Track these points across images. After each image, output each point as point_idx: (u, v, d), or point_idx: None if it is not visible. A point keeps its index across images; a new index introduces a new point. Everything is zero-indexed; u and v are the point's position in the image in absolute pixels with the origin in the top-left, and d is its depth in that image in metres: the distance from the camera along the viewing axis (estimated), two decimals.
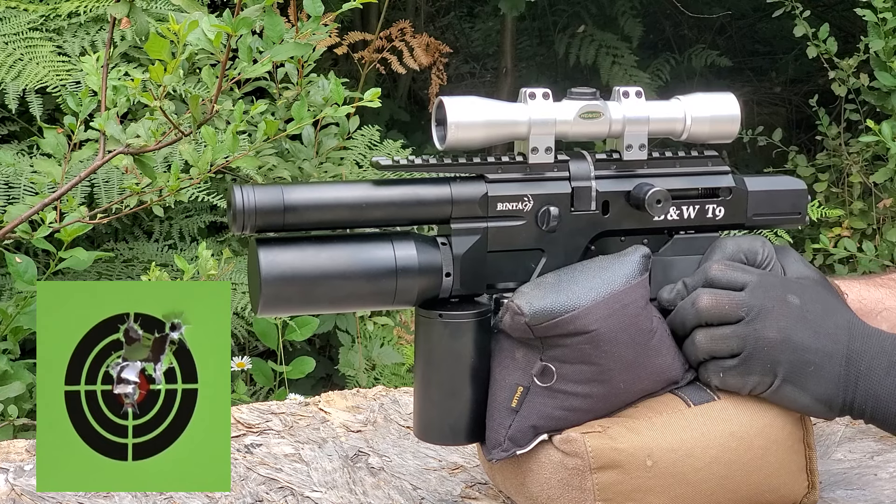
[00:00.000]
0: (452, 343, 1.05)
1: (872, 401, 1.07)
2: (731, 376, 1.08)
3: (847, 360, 1.08)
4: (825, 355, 1.07)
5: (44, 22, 2.95)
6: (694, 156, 1.13)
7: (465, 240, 1.06)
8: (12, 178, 2.66)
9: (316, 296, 1.02)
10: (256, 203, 1.00)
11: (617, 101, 1.10)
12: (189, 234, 3.02)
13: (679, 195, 1.12)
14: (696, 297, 1.08)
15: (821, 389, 1.08)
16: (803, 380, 1.07)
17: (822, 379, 1.07)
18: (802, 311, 1.08)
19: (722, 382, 1.09)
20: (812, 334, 1.08)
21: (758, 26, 5.58)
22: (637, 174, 1.11)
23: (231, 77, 2.00)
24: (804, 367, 1.07)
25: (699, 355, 1.09)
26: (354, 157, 2.92)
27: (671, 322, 1.10)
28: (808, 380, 1.07)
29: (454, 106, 1.04)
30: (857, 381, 1.07)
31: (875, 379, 1.07)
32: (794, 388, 1.08)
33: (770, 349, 1.07)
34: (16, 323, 2.16)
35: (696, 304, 1.08)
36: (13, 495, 1.13)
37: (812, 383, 1.07)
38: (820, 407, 1.08)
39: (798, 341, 1.07)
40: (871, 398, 1.07)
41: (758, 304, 1.07)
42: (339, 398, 1.37)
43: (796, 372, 1.07)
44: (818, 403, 1.08)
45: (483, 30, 5.64)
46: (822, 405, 1.08)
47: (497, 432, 1.07)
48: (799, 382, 1.07)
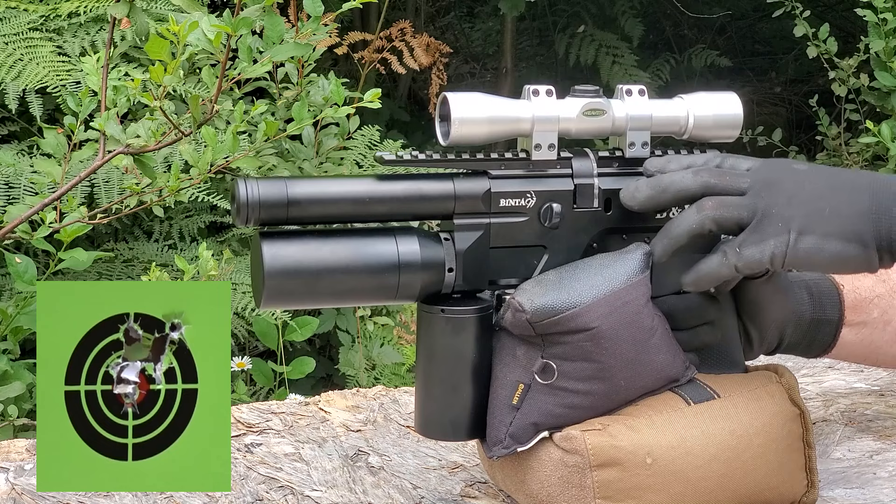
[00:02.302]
0: (454, 339, 1.05)
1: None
2: (747, 248, 1.01)
3: (872, 192, 1.00)
4: (843, 194, 1.00)
5: (44, 22, 2.95)
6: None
7: (468, 235, 1.06)
8: (12, 178, 2.66)
9: (319, 290, 1.02)
10: (260, 196, 1.00)
11: (620, 99, 1.10)
12: (189, 234, 3.03)
13: None
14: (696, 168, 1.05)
15: (846, 226, 0.99)
16: (822, 225, 1.00)
17: (844, 215, 0.99)
18: (812, 172, 1.03)
19: (744, 261, 1.02)
20: (826, 184, 1.01)
21: (758, 26, 5.59)
22: (640, 172, 1.10)
23: (231, 77, 2.00)
24: (819, 213, 1.00)
25: (706, 223, 1.03)
26: (354, 157, 2.92)
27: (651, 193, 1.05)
28: (827, 223, 1.00)
29: (458, 102, 1.04)
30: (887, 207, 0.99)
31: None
32: (814, 238, 1.00)
33: (780, 209, 1.01)
34: (16, 323, 2.16)
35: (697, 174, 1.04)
36: (13, 495, 1.13)
37: (833, 225, 1.00)
38: (851, 248, 0.99)
39: (809, 192, 1.01)
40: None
41: (762, 177, 1.03)
42: (338, 398, 1.37)
43: (812, 220, 1.00)
44: (847, 244, 0.99)
45: (483, 30, 5.65)
46: (852, 244, 0.99)
47: (498, 429, 1.06)
48: (818, 229, 1.00)
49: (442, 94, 1.05)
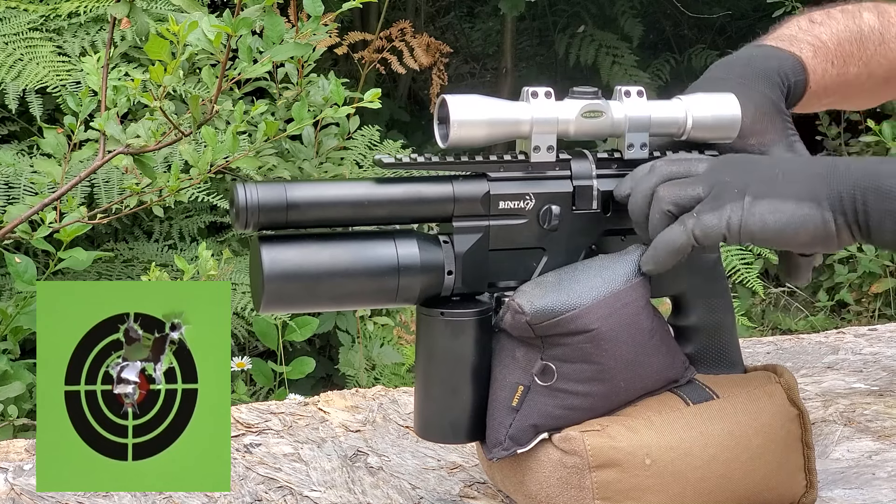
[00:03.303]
0: (453, 341, 1.05)
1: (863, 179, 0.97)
2: (705, 215, 1.01)
3: (823, 160, 1.01)
4: (796, 162, 1.01)
5: (44, 22, 2.95)
6: None
7: (467, 238, 1.06)
8: (12, 178, 2.67)
9: (318, 293, 1.02)
10: (259, 200, 1.00)
11: (619, 101, 1.10)
12: (189, 234, 3.03)
13: None
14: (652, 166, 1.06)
15: (799, 187, 0.98)
16: (777, 188, 0.99)
17: (799, 179, 0.99)
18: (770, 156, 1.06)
19: (701, 228, 1.01)
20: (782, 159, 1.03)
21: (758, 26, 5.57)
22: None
23: (231, 77, 2.00)
24: (773, 178, 1.00)
25: (663, 206, 1.03)
26: (354, 158, 2.92)
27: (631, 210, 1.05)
28: (782, 185, 0.99)
29: (457, 104, 1.04)
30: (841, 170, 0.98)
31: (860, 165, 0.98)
32: (770, 201, 0.99)
33: (736, 179, 1.01)
34: (16, 323, 2.17)
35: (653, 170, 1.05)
36: (13, 495, 1.13)
37: (787, 187, 0.99)
38: (805, 208, 0.98)
39: (765, 162, 1.03)
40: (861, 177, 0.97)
41: (720, 159, 1.05)
42: (338, 398, 1.37)
43: (766, 184, 1.00)
44: (802, 204, 0.98)
45: (483, 30, 5.65)
46: (807, 204, 0.98)
47: (497, 431, 1.07)
48: (773, 192, 0.99)
49: (441, 96, 1.05)
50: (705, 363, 1.14)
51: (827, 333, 1.66)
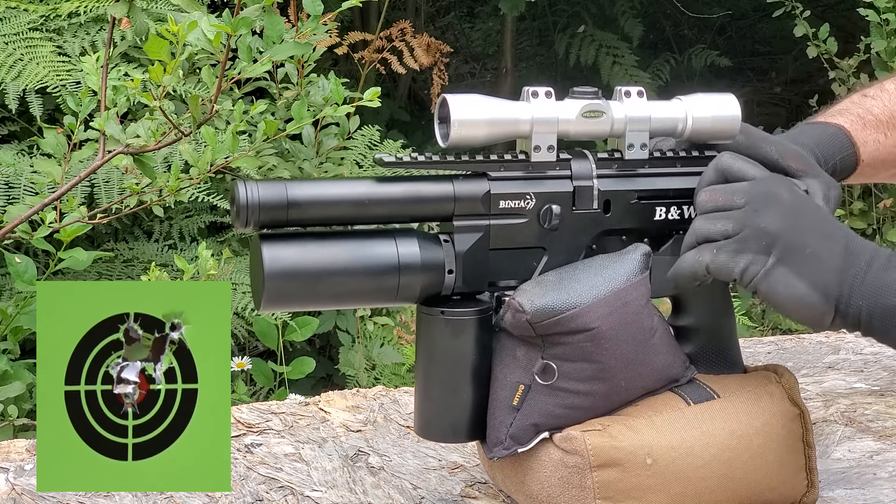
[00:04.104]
0: (454, 340, 1.05)
1: (871, 293, 1.01)
2: (723, 253, 1.04)
3: (846, 250, 1.03)
4: (825, 241, 1.03)
5: (44, 22, 2.95)
6: (695, 156, 1.13)
7: (468, 237, 1.06)
8: (12, 178, 2.67)
9: (318, 292, 1.02)
10: (260, 199, 1.00)
11: (619, 101, 1.10)
12: (189, 234, 3.03)
13: (680, 195, 1.12)
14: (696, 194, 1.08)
15: (818, 276, 1.02)
16: (799, 263, 1.02)
17: (820, 265, 1.02)
18: (805, 203, 1.05)
19: (713, 260, 1.04)
20: (812, 223, 1.04)
21: (758, 26, 5.59)
22: (638, 174, 1.10)
23: (231, 77, 2.00)
24: (801, 249, 1.03)
25: (694, 239, 1.06)
26: (354, 157, 2.92)
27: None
28: (805, 264, 1.02)
29: (457, 103, 1.04)
30: (856, 273, 1.02)
31: (874, 273, 1.02)
32: (788, 272, 1.02)
33: (767, 228, 1.03)
34: (16, 323, 2.17)
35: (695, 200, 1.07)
36: (13, 495, 1.13)
37: (808, 268, 1.02)
38: (815, 297, 1.02)
39: (798, 225, 1.04)
40: (869, 290, 1.01)
41: (761, 192, 1.05)
42: (339, 398, 1.37)
43: (792, 253, 1.03)
44: (814, 292, 1.02)
45: (483, 30, 5.65)
46: (817, 294, 1.02)
47: (498, 430, 1.07)
48: (794, 265, 1.02)
49: (441, 95, 1.05)
50: (705, 363, 1.14)
51: (827, 333, 1.66)
